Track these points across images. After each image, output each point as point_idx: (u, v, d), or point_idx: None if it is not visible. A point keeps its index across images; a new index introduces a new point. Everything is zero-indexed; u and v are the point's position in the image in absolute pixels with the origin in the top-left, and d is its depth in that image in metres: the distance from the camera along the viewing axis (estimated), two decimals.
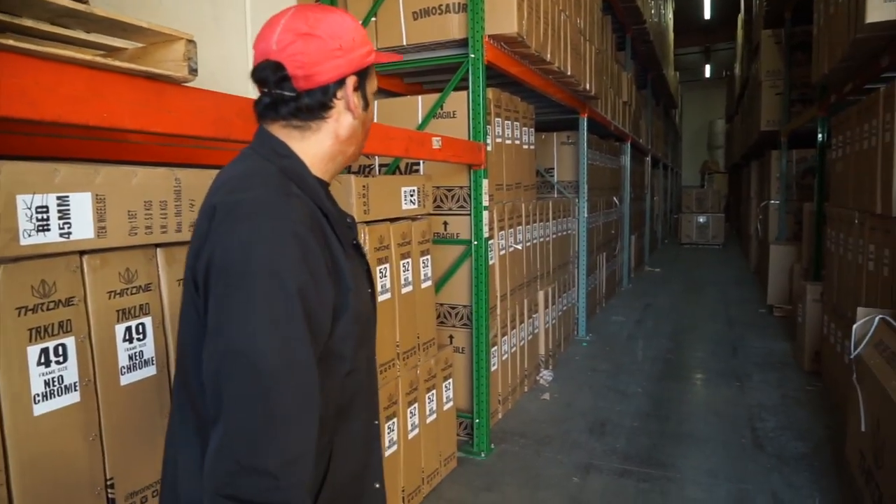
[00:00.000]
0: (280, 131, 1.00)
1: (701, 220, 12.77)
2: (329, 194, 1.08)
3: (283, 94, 0.97)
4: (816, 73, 4.28)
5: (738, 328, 5.64)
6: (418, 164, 3.14)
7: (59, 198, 1.09)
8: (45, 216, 1.07)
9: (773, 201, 6.96)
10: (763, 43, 6.93)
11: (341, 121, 1.01)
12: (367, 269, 1.10)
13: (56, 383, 1.12)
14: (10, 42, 0.94)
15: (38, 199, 1.06)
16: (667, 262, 10.34)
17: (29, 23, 1.06)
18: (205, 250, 0.86)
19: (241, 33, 2.99)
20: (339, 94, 0.99)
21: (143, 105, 1.19)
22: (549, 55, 3.47)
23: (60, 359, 1.13)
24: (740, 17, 11.84)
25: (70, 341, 1.15)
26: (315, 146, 1.01)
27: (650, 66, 9.25)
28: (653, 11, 8.10)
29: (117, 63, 1.11)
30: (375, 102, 1.04)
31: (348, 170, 3.33)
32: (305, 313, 0.85)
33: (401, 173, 3.18)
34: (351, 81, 0.99)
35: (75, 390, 1.16)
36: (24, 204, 1.04)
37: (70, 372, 1.15)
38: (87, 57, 1.06)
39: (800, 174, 6.72)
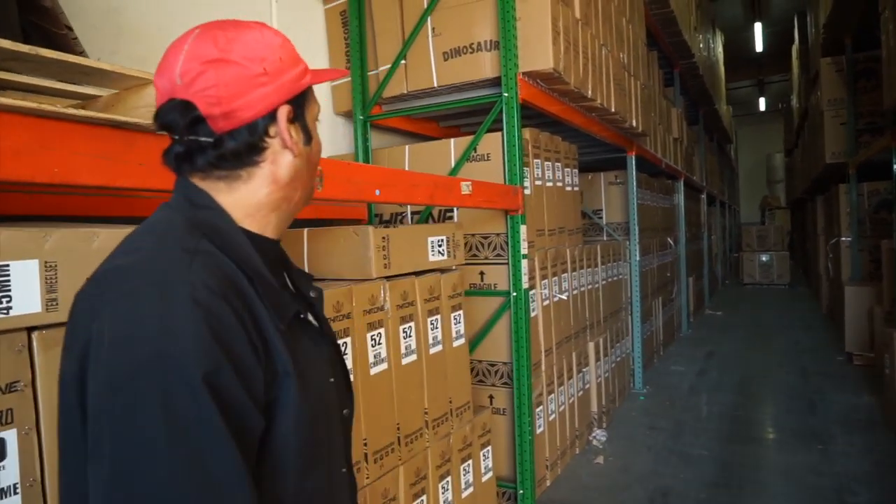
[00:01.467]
0: (201, 184, 0.79)
1: (763, 258, 12.08)
2: (281, 255, 0.88)
3: (199, 140, 0.76)
4: (888, 99, 3.92)
5: (814, 379, 5.11)
6: (452, 210, 2.95)
7: None
8: None
9: (843, 238, 6.43)
10: (822, 72, 6.54)
11: (279, 162, 0.81)
12: (333, 353, 0.89)
13: None
14: None
15: None
16: (729, 305, 9.74)
17: None
18: (78, 342, 0.66)
19: None
20: (272, 130, 0.79)
21: (106, 157, 1.04)
22: (590, 91, 3.27)
23: None
24: (794, 47, 11.42)
25: (11, 435, 0.97)
26: (247, 197, 0.80)
27: (701, 101, 8.93)
28: (701, 45, 7.84)
29: (70, 111, 0.96)
30: (318, 131, 0.88)
31: (376, 219, 3.17)
32: (220, 409, 0.62)
33: (434, 221, 2.99)
34: (284, 112, 0.79)
35: (16, 493, 0.98)
36: None
37: (9, 472, 0.97)
38: (31, 104, 0.91)
39: (872, 208, 6.21)
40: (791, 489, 3.06)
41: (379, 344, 1.88)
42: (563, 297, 3.34)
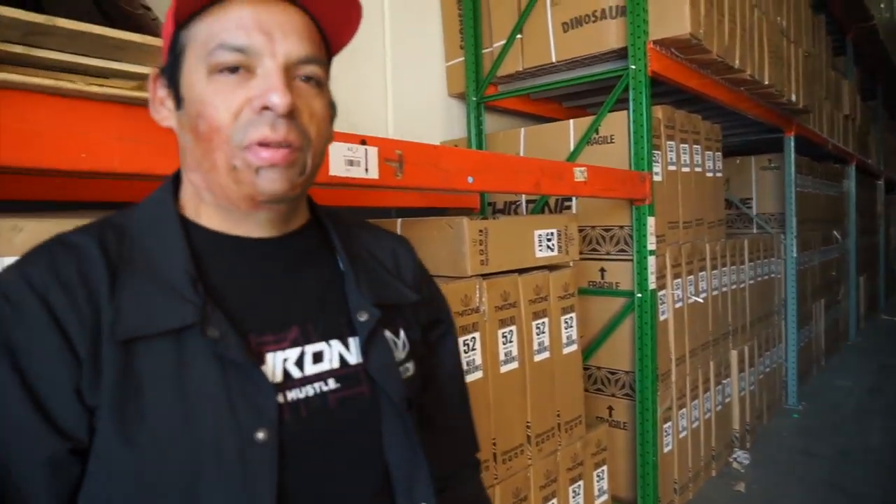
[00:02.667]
0: None
1: None
2: (270, 254, 0.69)
3: None
4: None
5: None
6: (570, 199, 2.67)
7: None
8: None
9: None
10: None
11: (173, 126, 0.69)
12: (260, 393, 0.61)
13: None
14: None
15: None
16: None
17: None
18: None
19: (380, 62, 2.81)
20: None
21: (143, 142, 0.93)
22: (737, 61, 2.81)
23: None
24: None
25: None
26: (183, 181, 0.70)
27: (880, 72, 7.67)
28: (882, 6, 6.70)
29: (95, 89, 0.86)
30: (261, 78, 0.61)
31: (490, 208, 2.96)
32: None
33: (550, 211, 2.73)
34: (151, 80, 0.68)
35: None
36: None
37: None
38: (50, 82, 0.81)
39: None
40: None
41: (473, 350, 1.68)
42: (699, 299, 2.92)
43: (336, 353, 0.68)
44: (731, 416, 3.41)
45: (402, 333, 0.76)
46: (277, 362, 0.64)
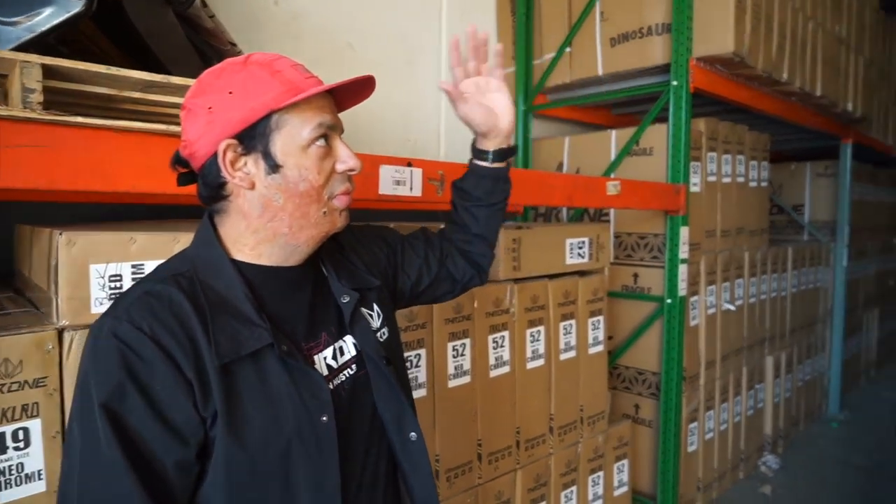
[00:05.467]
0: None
1: None
2: (300, 277, 0.87)
3: (181, 175, 0.86)
4: None
5: None
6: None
7: (133, 266, 1.09)
8: (118, 284, 1.08)
9: None
10: None
11: (244, 196, 0.81)
12: (319, 387, 0.81)
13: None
14: (79, 119, 0.96)
15: (112, 269, 1.07)
16: None
17: (118, 91, 1.08)
18: None
19: (435, 75, 2.99)
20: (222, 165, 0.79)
21: None
22: (785, 74, 2.85)
23: None
24: None
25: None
26: (231, 229, 0.83)
27: None
28: None
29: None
30: (341, 149, 0.84)
31: (532, 212, 3.11)
32: (116, 433, 0.68)
33: (589, 217, 2.86)
34: (222, 148, 0.77)
35: None
36: (97, 273, 1.05)
37: None
38: (161, 126, 1.04)
39: None
40: None
41: (501, 347, 1.87)
42: (732, 307, 3.00)
43: (351, 344, 0.90)
44: (763, 421, 3.48)
45: (375, 307, 0.96)
46: (321, 361, 0.85)
